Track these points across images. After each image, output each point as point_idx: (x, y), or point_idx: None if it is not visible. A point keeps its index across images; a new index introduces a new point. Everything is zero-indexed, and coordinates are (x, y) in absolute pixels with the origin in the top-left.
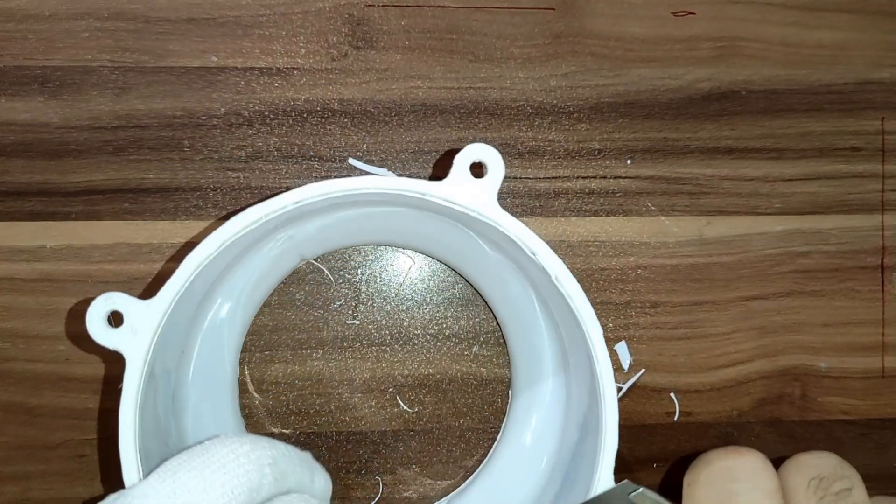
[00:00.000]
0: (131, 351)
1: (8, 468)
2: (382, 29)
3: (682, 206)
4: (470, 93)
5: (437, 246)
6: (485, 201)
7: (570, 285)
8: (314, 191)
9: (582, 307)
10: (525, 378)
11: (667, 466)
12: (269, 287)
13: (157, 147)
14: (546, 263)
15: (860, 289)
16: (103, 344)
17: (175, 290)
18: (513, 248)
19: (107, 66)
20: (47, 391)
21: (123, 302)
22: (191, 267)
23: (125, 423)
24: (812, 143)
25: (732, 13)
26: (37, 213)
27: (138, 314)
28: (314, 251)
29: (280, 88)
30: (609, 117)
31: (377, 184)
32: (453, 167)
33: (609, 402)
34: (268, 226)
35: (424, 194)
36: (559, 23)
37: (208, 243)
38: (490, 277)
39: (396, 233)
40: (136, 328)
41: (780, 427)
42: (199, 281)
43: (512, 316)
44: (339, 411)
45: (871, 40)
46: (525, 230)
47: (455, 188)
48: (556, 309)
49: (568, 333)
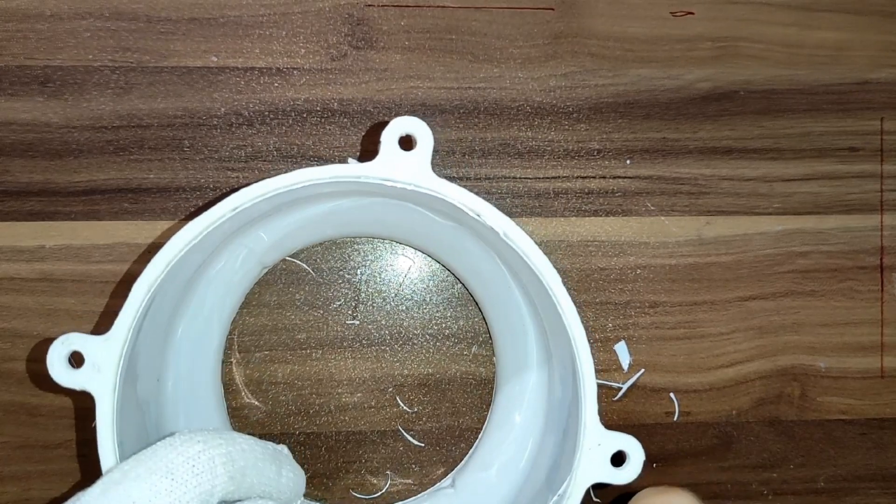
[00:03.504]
0: (98, 389)
1: (8, 468)
2: (382, 29)
3: (681, 206)
4: (469, 93)
5: (398, 230)
6: (419, 173)
7: (520, 239)
8: (251, 193)
9: (535, 257)
10: (510, 364)
11: (667, 466)
12: (236, 298)
13: (157, 147)
14: (492, 222)
15: (859, 289)
16: (69, 386)
17: (129, 322)
18: (464, 217)
19: (108, 66)
20: (47, 391)
21: (81, 341)
22: (141, 293)
23: (105, 460)
24: (811, 143)
25: (732, 13)
26: (37, 213)
27: (98, 351)
28: (274, 255)
29: (280, 88)
30: (608, 117)
31: (307, 175)
32: (382, 145)
33: (581, 343)
34: (214, 239)
35: (359, 177)
36: (559, 23)
37: (153, 267)
38: (458, 255)
39: (357, 224)
40: (99, 365)
41: (778, 427)
42: (157, 305)
43: (489, 296)
44: (339, 411)
45: (871, 41)
46: (466, 193)
47: (387, 165)
48: (524, 275)
49: (541, 304)
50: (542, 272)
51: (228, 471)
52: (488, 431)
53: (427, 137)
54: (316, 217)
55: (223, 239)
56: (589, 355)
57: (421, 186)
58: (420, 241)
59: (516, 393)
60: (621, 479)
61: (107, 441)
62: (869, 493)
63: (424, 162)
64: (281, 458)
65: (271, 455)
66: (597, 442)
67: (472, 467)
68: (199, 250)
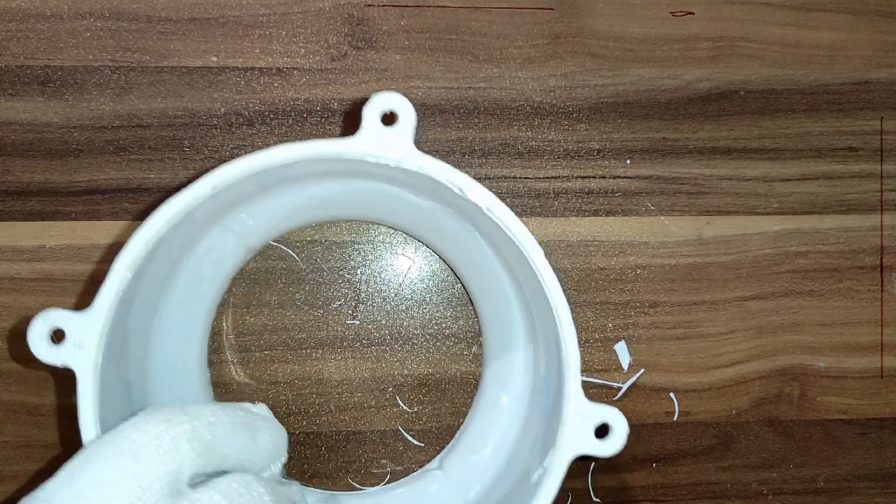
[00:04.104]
0: (80, 365)
1: (8, 468)
2: (382, 29)
3: (680, 205)
4: (469, 93)
5: (382, 213)
6: (400, 148)
7: (503, 213)
8: (230, 171)
9: (516, 230)
10: (496, 342)
11: (666, 466)
12: (222, 281)
13: (158, 147)
14: (474, 197)
15: (858, 288)
16: (50, 363)
17: (110, 298)
18: (447, 193)
19: (108, 66)
20: (47, 391)
21: (62, 317)
22: (121, 271)
23: (87, 437)
24: (810, 143)
25: (731, 13)
26: (37, 213)
27: (79, 327)
28: (258, 238)
29: (280, 88)
30: (608, 117)
31: (288, 152)
32: (363, 121)
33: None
34: (197, 217)
35: (340, 153)
36: (558, 23)
37: (133, 245)
38: (441, 235)
39: (342, 206)
40: (80, 342)
41: (778, 426)
42: (142, 284)
43: (474, 275)
44: (338, 411)
45: (869, 40)
46: (448, 168)
47: (368, 141)
48: (507, 252)
49: (525, 280)
50: (524, 243)
51: (195, 447)
52: (476, 414)
53: (409, 113)
54: (298, 199)
55: (207, 219)
56: (571, 326)
57: (403, 161)
58: (403, 222)
59: (503, 372)
60: (605, 452)
61: (87, 418)
62: (868, 493)
63: (407, 137)
64: (255, 423)
65: (243, 422)
66: (581, 414)
67: (461, 450)
68: (181, 229)
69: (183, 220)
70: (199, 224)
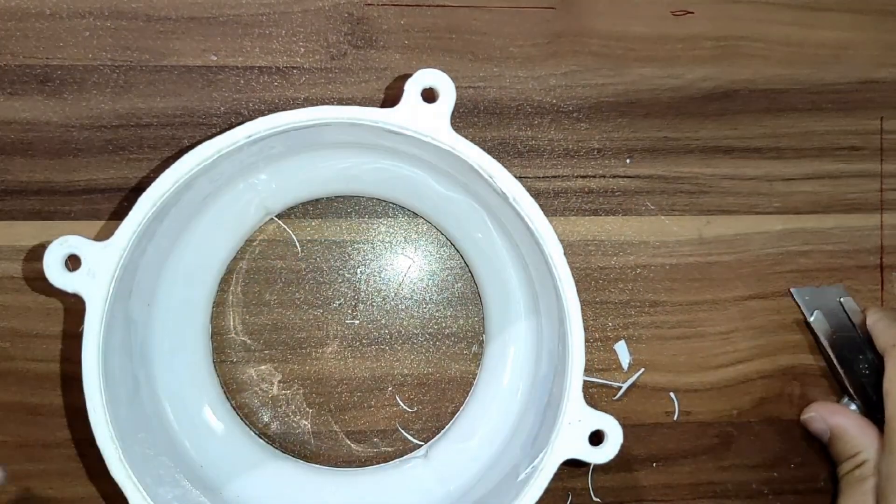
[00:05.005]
0: (91, 293)
1: (8, 468)
2: (382, 28)
3: (681, 205)
4: (469, 92)
5: (398, 191)
6: (437, 126)
7: (529, 206)
8: (267, 123)
9: (541, 226)
10: (498, 320)
11: (667, 466)
12: (237, 239)
13: (157, 146)
14: (504, 186)
15: (859, 288)
16: (62, 287)
17: (131, 230)
18: (472, 179)
19: (108, 65)
20: (47, 391)
21: (80, 244)
22: (146, 206)
23: (89, 364)
24: (812, 142)
25: (733, 12)
26: (37, 212)
27: (95, 256)
28: (278, 202)
29: (279, 87)
30: (609, 116)
31: (328, 113)
32: (405, 94)
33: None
34: (226, 168)
35: (377, 120)
36: (559, 22)
37: (162, 182)
38: (452, 218)
39: (359, 180)
40: (94, 271)
41: (779, 426)
42: (161, 226)
43: (480, 258)
44: (338, 411)
45: (872, 40)
46: (481, 153)
47: (407, 114)
48: (524, 245)
49: (538, 274)
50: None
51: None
52: (468, 406)
53: (450, 92)
54: (322, 169)
55: (234, 173)
56: (580, 327)
57: (437, 139)
58: (426, 210)
59: (501, 370)
60: (598, 458)
61: (91, 347)
62: None
63: (445, 115)
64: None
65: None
66: (577, 417)
67: (448, 438)
68: (208, 176)
69: (212, 165)
70: (226, 175)
